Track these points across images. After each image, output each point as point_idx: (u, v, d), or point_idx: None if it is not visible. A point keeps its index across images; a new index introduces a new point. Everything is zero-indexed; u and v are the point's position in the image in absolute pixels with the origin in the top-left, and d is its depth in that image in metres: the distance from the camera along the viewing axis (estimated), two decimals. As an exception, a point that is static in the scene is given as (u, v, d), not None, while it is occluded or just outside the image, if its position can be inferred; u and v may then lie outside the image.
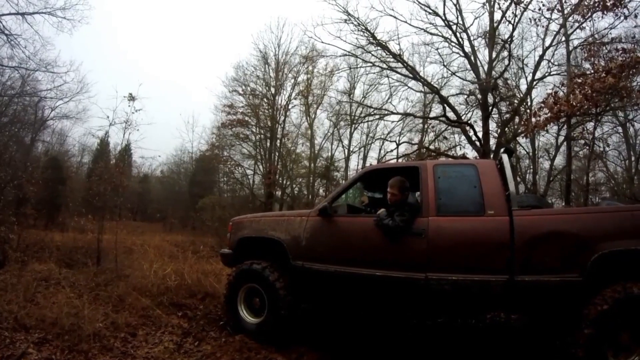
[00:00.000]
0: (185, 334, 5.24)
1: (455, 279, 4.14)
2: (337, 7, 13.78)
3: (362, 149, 25.19)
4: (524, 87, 15.46)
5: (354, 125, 23.00)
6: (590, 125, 15.21)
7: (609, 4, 10.38)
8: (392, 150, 20.38)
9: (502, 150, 5.13)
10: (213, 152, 25.26)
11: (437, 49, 14.39)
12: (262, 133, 24.07)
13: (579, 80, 10.66)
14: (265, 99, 24.22)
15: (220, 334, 5.36)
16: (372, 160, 24.29)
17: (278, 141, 23.66)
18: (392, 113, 16.36)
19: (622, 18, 10.68)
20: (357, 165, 25.57)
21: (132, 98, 9.81)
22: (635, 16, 10.39)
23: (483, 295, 4.17)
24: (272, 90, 24.05)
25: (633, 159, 20.22)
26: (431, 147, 17.23)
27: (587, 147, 16.64)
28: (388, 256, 4.50)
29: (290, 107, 24.27)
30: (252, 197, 23.94)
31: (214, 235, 13.65)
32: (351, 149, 25.02)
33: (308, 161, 24.34)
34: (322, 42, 15.49)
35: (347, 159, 24.96)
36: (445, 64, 14.61)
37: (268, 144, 23.93)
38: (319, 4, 26.46)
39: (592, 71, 10.78)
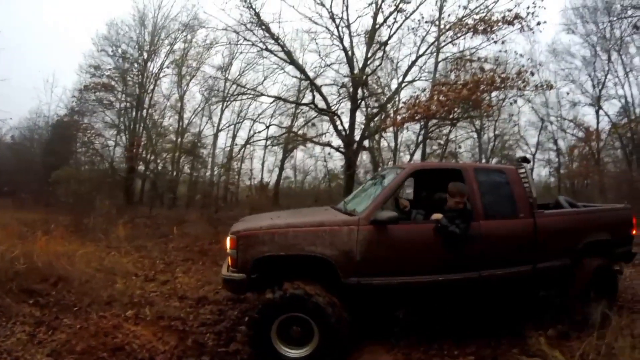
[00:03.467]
0: (38, 323, 5.07)
1: (500, 273, 4.87)
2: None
3: (232, 127, 25.26)
4: (395, 86, 16.66)
5: (225, 103, 22.72)
6: (446, 129, 17.42)
7: (479, 29, 12.31)
8: (261, 132, 20.66)
9: (521, 159, 5.90)
10: (72, 117, 23.18)
11: (313, 39, 14.76)
12: (129, 101, 22.83)
13: (443, 88, 12.26)
14: (135, 64, 22.92)
15: (74, 320, 5.21)
16: (239, 140, 24.56)
17: (145, 111, 22.69)
18: (265, 95, 16.55)
19: (491, 42, 12.64)
20: (225, 144, 25.80)
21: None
22: (503, 42, 12.46)
23: (517, 283, 5.12)
24: (145, 55, 22.87)
25: (483, 160, 24.53)
26: (300, 132, 17.85)
27: (442, 147, 19.03)
28: (446, 260, 4.73)
29: (161, 75, 23.37)
30: (111, 171, 22.49)
31: (68, 213, 12.77)
32: (220, 127, 24.96)
33: (175, 135, 23.70)
34: (205, 12, 15.07)
35: (215, 137, 24.92)
36: (321, 55, 14.95)
37: (133, 114, 22.75)
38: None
39: (453, 82, 12.46)
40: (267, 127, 19.56)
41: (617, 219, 5.97)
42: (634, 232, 5.98)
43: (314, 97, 14.72)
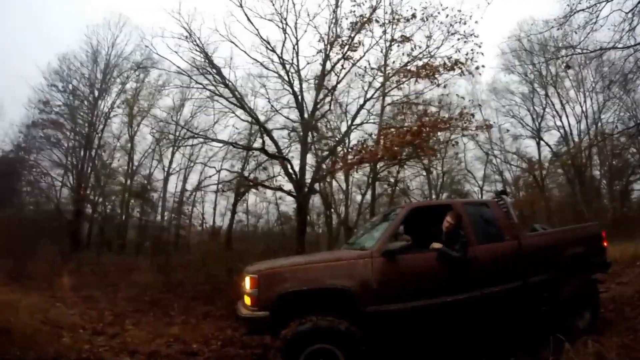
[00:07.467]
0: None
1: (497, 289, 5.30)
2: (180, 22, 12.93)
3: (183, 171, 24.88)
4: (345, 129, 17.02)
5: (176, 147, 22.46)
6: (395, 169, 18.10)
7: (422, 74, 12.88)
8: (212, 176, 20.46)
9: (499, 192, 6.65)
10: (18, 154, 22.28)
11: (263, 85, 14.83)
12: (77, 140, 22.20)
13: (390, 130, 12.83)
14: (86, 102, 22.50)
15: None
16: (191, 183, 24.39)
17: (94, 151, 22.20)
18: (215, 140, 16.44)
19: (434, 86, 13.34)
20: (176, 188, 25.31)
21: None
22: (445, 86, 13.26)
23: (511, 296, 5.44)
24: (96, 93, 22.53)
25: (433, 196, 26.45)
26: (251, 176, 17.84)
27: (391, 187, 19.61)
28: (452, 282, 5.14)
29: (112, 115, 23.01)
30: (57, 213, 21.06)
31: (7, 258, 11.97)
32: (171, 171, 24.56)
33: (124, 177, 23.15)
34: (158, 54, 14.62)
35: (165, 180, 24.49)
36: (270, 100, 14.74)
37: (82, 153, 22.10)
38: (163, 14, 25.15)
39: (398, 127, 13.04)
40: (218, 172, 19.28)
41: (590, 234, 6.73)
42: (605, 244, 6.64)
43: (263, 141, 14.51)
